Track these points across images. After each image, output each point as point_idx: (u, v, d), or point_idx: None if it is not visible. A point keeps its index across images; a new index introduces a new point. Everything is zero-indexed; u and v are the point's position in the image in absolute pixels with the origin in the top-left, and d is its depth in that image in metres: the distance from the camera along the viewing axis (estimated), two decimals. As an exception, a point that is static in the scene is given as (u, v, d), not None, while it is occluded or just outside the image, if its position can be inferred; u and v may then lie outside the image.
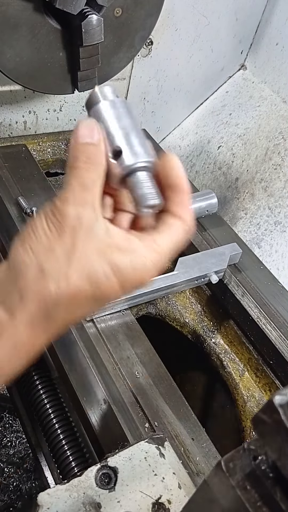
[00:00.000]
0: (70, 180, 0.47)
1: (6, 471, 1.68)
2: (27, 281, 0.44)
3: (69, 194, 0.45)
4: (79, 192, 0.45)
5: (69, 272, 0.44)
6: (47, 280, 0.43)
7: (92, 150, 0.47)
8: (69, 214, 0.44)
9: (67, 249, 0.44)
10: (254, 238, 1.31)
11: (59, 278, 0.43)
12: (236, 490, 0.29)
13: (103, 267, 0.44)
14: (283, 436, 0.27)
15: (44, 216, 0.46)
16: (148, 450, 0.60)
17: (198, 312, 1.01)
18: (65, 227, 0.44)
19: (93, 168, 0.46)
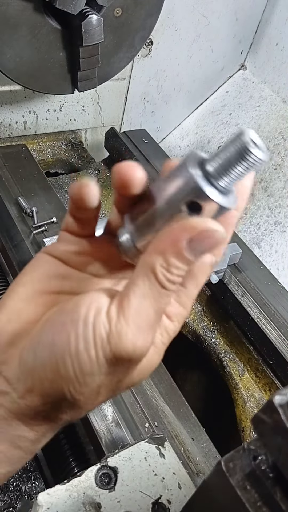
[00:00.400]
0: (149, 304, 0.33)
1: (6, 471, 1.68)
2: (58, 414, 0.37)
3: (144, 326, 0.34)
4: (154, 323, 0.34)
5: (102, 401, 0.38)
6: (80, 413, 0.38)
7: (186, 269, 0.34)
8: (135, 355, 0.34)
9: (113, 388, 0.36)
10: (254, 238, 1.31)
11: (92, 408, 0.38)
12: (236, 490, 0.29)
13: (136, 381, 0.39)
14: (283, 436, 0.27)
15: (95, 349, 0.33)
16: (148, 450, 0.60)
17: (198, 312, 1.01)
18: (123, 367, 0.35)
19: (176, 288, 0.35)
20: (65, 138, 1.32)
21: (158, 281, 0.33)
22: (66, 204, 1.14)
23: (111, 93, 1.33)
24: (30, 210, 0.98)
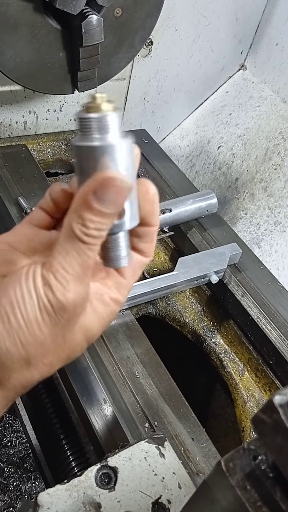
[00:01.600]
0: (72, 258, 0.38)
1: (6, 471, 1.68)
2: (11, 373, 0.41)
3: (70, 279, 0.38)
4: (82, 276, 0.39)
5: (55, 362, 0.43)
6: (32, 373, 0.42)
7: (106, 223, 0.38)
8: (69, 306, 0.39)
9: (59, 343, 0.41)
10: (254, 238, 1.31)
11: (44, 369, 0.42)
12: (236, 490, 0.29)
13: (82, 343, 0.44)
14: (283, 436, 0.27)
15: (38, 304, 0.39)
16: (148, 450, 0.60)
17: (198, 312, 1.01)
18: (62, 319, 0.40)
19: (99, 242, 0.39)
20: (65, 138, 1.32)
21: (77, 236, 0.37)
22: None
23: (111, 93, 1.33)
24: (30, 210, 0.98)
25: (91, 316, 0.43)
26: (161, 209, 1.02)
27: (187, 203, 1.04)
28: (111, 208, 0.37)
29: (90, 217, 0.37)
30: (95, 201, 0.37)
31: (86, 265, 0.39)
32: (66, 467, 0.78)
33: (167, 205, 1.03)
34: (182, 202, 1.04)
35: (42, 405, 0.85)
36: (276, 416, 0.27)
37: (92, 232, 0.37)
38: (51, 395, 0.87)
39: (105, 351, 0.83)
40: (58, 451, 0.80)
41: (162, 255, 1.10)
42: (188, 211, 1.04)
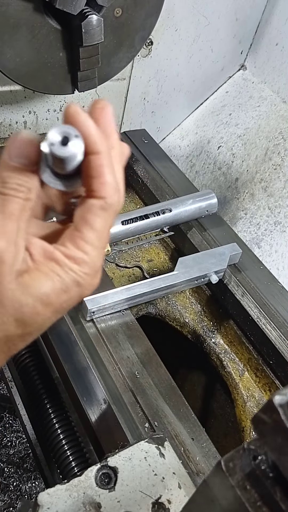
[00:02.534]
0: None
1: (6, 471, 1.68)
2: None
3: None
4: (0, 220, 0.39)
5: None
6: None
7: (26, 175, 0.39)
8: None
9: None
10: (254, 238, 1.31)
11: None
12: (236, 490, 0.29)
13: (31, 304, 0.39)
14: (283, 436, 0.27)
15: None
16: (148, 450, 0.60)
17: (198, 312, 1.01)
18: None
19: (23, 195, 0.40)
20: (65, 138, 1.32)
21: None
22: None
23: (111, 93, 1.33)
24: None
25: (38, 276, 0.39)
26: (161, 209, 1.02)
27: (187, 203, 1.04)
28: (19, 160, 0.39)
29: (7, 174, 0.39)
30: (9, 159, 0.39)
31: (7, 211, 0.39)
32: (66, 467, 0.78)
33: (167, 205, 1.03)
34: (182, 202, 1.04)
35: (42, 405, 0.85)
36: (276, 416, 0.27)
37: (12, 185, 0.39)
38: (51, 395, 0.87)
39: (105, 351, 0.83)
40: (58, 451, 0.80)
41: (162, 255, 1.10)
42: (188, 211, 1.04)
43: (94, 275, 0.41)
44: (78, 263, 0.40)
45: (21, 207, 0.40)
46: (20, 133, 0.40)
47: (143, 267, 1.05)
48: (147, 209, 1.01)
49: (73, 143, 0.38)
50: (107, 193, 0.39)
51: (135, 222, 0.98)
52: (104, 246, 0.42)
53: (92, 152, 0.39)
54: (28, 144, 0.40)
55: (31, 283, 0.39)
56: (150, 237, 1.09)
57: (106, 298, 0.86)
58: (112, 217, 0.41)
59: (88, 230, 0.40)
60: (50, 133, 0.38)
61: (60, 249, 0.40)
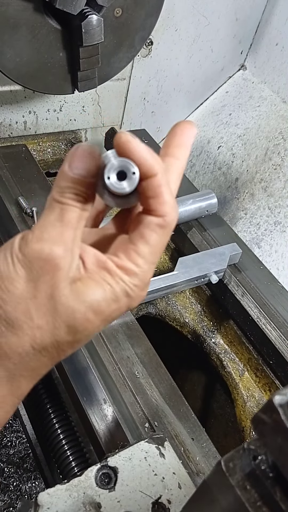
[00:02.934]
0: (48, 213, 0.40)
1: (6, 471, 1.68)
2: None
3: (45, 230, 0.40)
4: (59, 228, 0.40)
5: (45, 326, 0.40)
6: (20, 337, 0.40)
7: (85, 187, 0.40)
8: (42, 254, 0.39)
9: (43, 301, 0.39)
10: (254, 238, 1.31)
11: (34, 333, 0.40)
12: (236, 490, 0.29)
13: (82, 311, 0.40)
14: (283, 436, 0.27)
15: (11, 255, 0.40)
16: (148, 450, 0.60)
17: (198, 312, 1.01)
18: (35, 270, 0.39)
19: (80, 205, 0.40)
20: (65, 138, 1.32)
21: (56, 200, 0.40)
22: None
23: (111, 93, 1.33)
24: (30, 210, 0.98)
25: (90, 284, 0.40)
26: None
27: (187, 203, 1.04)
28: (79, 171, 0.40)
29: (66, 184, 0.40)
30: (69, 170, 0.40)
31: (66, 221, 0.40)
32: (66, 467, 0.78)
33: (167, 205, 1.03)
34: (182, 202, 1.04)
35: (42, 405, 0.85)
36: (276, 416, 0.27)
37: (70, 195, 0.40)
38: (51, 395, 0.87)
39: (105, 351, 0.83)
40: (58, 451, 0.80)
41: (162, 255, 1.10)
42: (188, 211, 1.04)
43: (143, 288, 0.42)
44: (129, 274, 0.41)
45: (78, 216, 0.40)
46: (82, 145, 0.41)
47: (143, 267, 1.05)
48: (147, 209, 1.01)
49: (129, 179, 0.39)
50: (165, 212, 0.40)
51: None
52: (155, 262, 0.42)
53: (148, 176, 0.39)
54: (89, 157, 0.40)
55: (84, 290, 0.40)
56: (150, 237, 1.09)
57: (106, 298, 0.85)
58: (168, 235, 0.42)
59: (143, 244, 0.41)
60: (108, 166, 0.39)
61: (113, 259, 0.41)
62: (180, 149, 0.43)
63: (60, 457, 0.79)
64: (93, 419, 0.74)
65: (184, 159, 0.44)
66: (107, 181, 0.39)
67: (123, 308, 0.42)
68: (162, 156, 0.43)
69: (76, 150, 0.41)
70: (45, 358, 0.41)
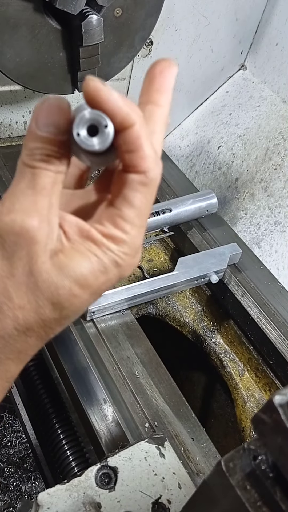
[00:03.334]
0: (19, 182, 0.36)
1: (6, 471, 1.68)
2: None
3: (16, 201, 0.36)
4: (31, 198, 0.36)
5: (27, 305, 0.37)
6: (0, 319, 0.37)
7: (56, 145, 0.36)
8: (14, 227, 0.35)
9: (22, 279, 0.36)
10: (254, 238, 1.31)
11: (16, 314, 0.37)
12: (236, 490, 0.29)
13: (67, 286, 0.36)
14: (283, 436, 0.27)
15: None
16: (148, 450, 0.60)
17: (198, 312, 1.01)
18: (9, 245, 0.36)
19: (54, 167, 0.36)
20: (65, 138, 1.32)
21: (26, 164, 0.36)
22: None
23: (111, 93, 1.33)
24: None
25: (74, 256, 0.37)
26: (161, 209, 1.02)
27: (187, 203, 1.04)
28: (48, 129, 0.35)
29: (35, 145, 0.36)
30: (37, 129, 0.36)
31: (37, 188, 0.36)
32: (66, 467, 0.78)
33: (167, 205, 1.03)
34: (182, 202, 1.04)
35: (42, 405, 0.85)
36: (276, 416, 0.27)
37: (42, 157, 0.36)
38: (51, 395, 0.87)
39: (105, 351, 0.83)
40: (58, 451, 0.80)
41: (162, 255, 1.10)
42: (188, 211, 1.04)
43: (133, 255, 0.38)
44: (116, 242, 0.37)
45: (53, 180, 0.36)
46: (48, 98, 0.36)
47: (143, 267, 1.05)
48: (147, 209, 1.01)
49: (101, 134, 0.34)
50: (147, 167, 0.35)
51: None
52: (144, 224, 0.38)
53: (124, 127, 0.34)
54: (57, 111, 0.35)
55: (67, 263, 0.36)
56: (150, 237, 1.09)
57: (106, 298, 0.86)
58: (153, 192, 0.37)
59: (127, 208, 0.37)
60: (76, 121, 0.34)
61: (97, 228, 0.37)
62: (161, 94, 0.38)
63: (60, 457, 0.79)
64: (93, 419, 0.74)
65: (167, 105, 0.39)
66: (76, 137, 0.34)
67: (114, 279, 0.39)
68: (141, 104, 0.38)
69: (42, 104, 0.36)
70: (31, 338, 0.39)
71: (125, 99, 0.35)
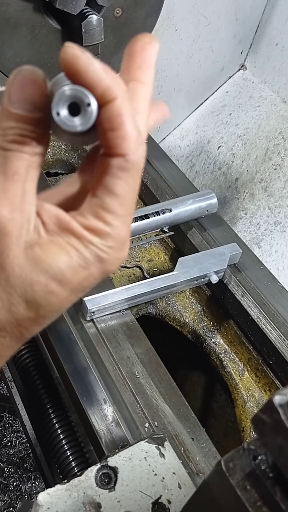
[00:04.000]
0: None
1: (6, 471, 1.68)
2: None
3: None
4: (1, 182, 0.33)
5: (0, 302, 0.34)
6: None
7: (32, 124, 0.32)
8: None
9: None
10: (254, 238, 1.31)
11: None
12: (236, 490, 0.29)
13: (42, 282, 0.33)
14: (283, 436, 0.27)
15: None
16: (148, 450, 0.60)
17: (198, 312, 1.01)
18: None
19: (29, 149, 0.33)
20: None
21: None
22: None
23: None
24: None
25: (51, 249, 0.33)
26: (161, 209, 1.02)
27: (187, 203, 1.04)
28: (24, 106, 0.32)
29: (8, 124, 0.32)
30: (10, 106, 0.32)
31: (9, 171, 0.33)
32: (66, 467, 0.78)
33: (167, 205, 1.03)
34: (182, 202, 1.04)
35: (42, 405, 0.85)
36: (276, 416, 0.27)
37: (14, 137, 0.32)
38: (51, 395, 0.87)
39: (105, 351, 0.83)
40: (58, 451, 0.80)
41: (162, 255, 1.10)
42: (188, 211, 1.04)
43: (120, 248, 0.35)
44: (99, 235, 0.34)
45: (27, 164, 0.33)
46: (20, 70, 0.32)
47: (143, 267, 1.05)
48: (147, 209, 1.01)
49: (84, 113, 0.31)
50: (128, 149, 0.32)
51: (135, 222, 0.98)
52: (130, 212, 0.35)
53: (105, 101, 0.31)
54: (31, 85, 0.32)
55: (44, 257, 0.33)
56: (150, 237, 1.09)
57: (106, 298, 0.86)
58: (136, 177, 0.33)
59: (109, 197, 0.33)
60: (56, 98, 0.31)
61: (78, 220, 0.34)
62: (144, 70, 0.36)
63: (60, 457, 0.79)
64: (93, 419, 0.74)
65: (150, 82, 0.36)
66: (56, 117, 0.31)
67: (97, 275, 0.35)
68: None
69: (15, 77, 0.32)
70: (5, 339, 0.35)
71: (107, 70, 0.31)
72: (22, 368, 0.91)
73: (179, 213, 1.03)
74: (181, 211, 1.03)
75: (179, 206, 1.03)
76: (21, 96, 0.32)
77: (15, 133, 0.32)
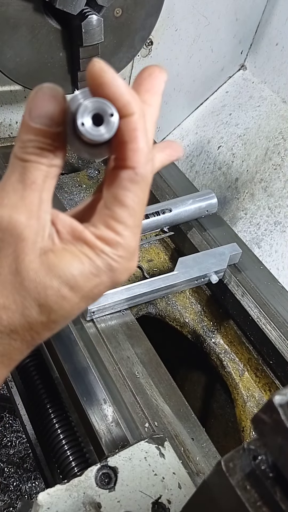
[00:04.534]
0: (11, 176, 0.35)
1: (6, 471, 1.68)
2: None
3: (5, 195, 0.35)
4: (20, 190, 0.35)
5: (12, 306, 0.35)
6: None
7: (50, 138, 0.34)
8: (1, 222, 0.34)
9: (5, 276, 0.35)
10: (254, 238, 1.31)
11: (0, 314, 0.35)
12: (236, 490, 0.29)
13: (55, 287, 0.35)
14: (283, 436, 0.27)
15: None
16: (148, 450, 0.60)
17: (198, 312, 1.01)
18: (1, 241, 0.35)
19: (47, 161, 0.35)
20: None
21: (17, 157, 0.35)
22: (67, 204, 1.14)
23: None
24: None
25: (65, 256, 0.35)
26: (161, 209, 1.02)
27: (187, 203, 1.04)
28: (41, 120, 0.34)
29: (28, 137, 0.35)
30: (30, 121, 0.34)
31: (27, 182, 0.35)
32: (66, 467, 0.78)
33: (167, 205, 1.03)
34: (182, 202, 1.04)
35: (42, 405, 0.85)
36: (276, 416, 0.27)
37: (33, 150, 0.35)
38: (51, 395, 0.87)
39: (105, 351, 0.83)
40: (58, 451, 0.80)
41: (162, 255, 1.10)
42: (188, 211, 1.04)
43: (129, 258, 0.37)
44: (110, 244, 0.35)
45: (45, 174, 0.35)
46: (41, 88, 0.35)
47: (143, 267, 1.05)
48: (147, 209, 1.01)
49: (107, 123, 0.33)
50: (138, 162, 0.34)
51: (135, 222, 0.98)
52: (138, 224, 0.36)
53: (124, 115, 0.33)
54: (52, 101, 0.34)
55: (57, 263, 0.35)
56: (150, 237, 1.09)
57: (106, 298, 0.86)
58: (145, 189, 0.36)
59: (119, 208, 0.35)
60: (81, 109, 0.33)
61: (91, 229, 0.36)
62: (152, 94, 0.38)
63: (60, 457, 0.79)
64: (93, 419, 0.74)
65: (157, 106, 0.38)
66: (81, 127, 0.32)
67: (108, 283, 0.37)
68: None
69: (35, 94, 0.35)
70: (16, 342, 0.37)
71: (128, 87, 0.33)
72: (22, 368, 0.91)
73: (179, 213, 1.03)
74: (181, 211, 1.03)
75: (179, 206, 1.03)
76: (41, 111, 0.34)
77: (34, 145, 0.34)
